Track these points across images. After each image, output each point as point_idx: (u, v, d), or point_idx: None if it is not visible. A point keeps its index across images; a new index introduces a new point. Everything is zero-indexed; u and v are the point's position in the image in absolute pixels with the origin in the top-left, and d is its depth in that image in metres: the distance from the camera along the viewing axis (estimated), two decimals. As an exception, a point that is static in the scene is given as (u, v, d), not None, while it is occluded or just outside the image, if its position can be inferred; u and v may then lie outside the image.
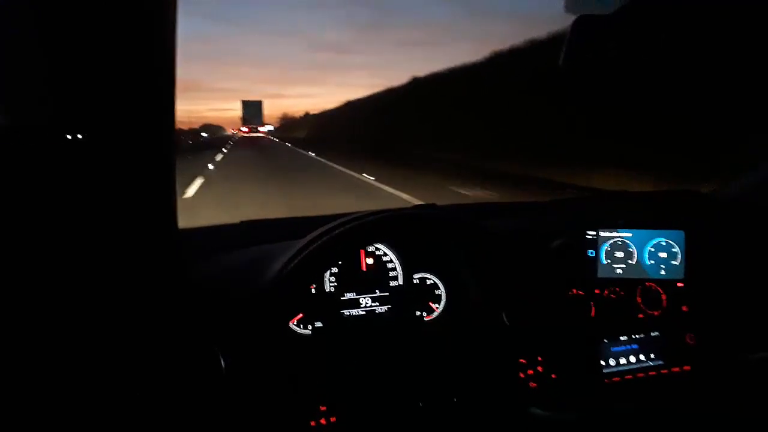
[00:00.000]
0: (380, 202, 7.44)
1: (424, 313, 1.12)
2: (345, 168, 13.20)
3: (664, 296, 1.14)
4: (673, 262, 1.13)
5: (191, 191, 8.43)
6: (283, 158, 20.13)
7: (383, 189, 8.96)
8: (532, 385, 0.97)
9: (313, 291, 1.06)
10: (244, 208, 6.96)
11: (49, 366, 0.64)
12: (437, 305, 1.13)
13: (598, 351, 1.11)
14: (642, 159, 8.40)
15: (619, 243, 1.13)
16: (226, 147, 28.63)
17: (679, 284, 1.13)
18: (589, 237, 1.13)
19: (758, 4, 0.82)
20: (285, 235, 1.03)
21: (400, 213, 0.95)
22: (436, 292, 1.14)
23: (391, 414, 0.91)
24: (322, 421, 0.87)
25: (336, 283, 1.08)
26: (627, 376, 1.10)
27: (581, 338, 1.09)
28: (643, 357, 1.12)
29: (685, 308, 1.14)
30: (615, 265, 1.13)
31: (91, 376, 0.68)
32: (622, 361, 1.11)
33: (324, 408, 0.88)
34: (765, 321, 1.16)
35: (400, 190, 8.46)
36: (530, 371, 0.97)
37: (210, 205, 7.07)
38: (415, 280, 1.13)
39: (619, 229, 1.13)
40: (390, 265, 1.12)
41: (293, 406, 0.86)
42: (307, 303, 1.04)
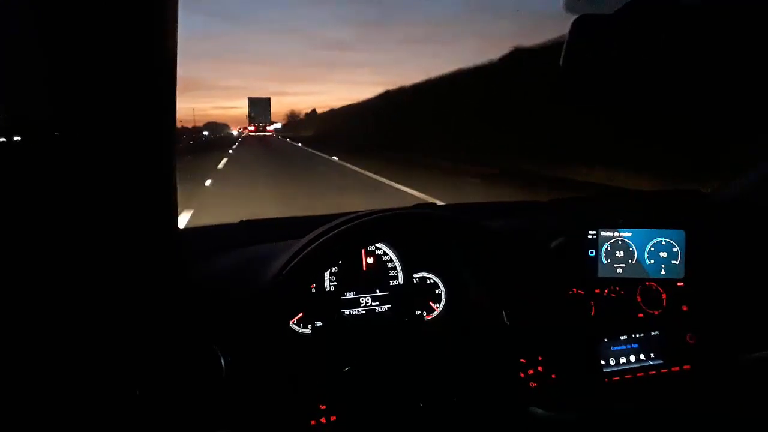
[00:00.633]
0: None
1: (424, 313, 1.12)
2: (411, 189, 8.43)
3: (665, 296, 1.14)
4: (674, 262, 1.13)
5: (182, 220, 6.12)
6: (304, 164, 15.43)
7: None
8: (533, 384, 0.97)
9: (313, 290, 1.06)
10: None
11: (49, 365, 0.65)
12: (437, 305, 1.13)
13: (598, 350, 1.11)
14: (642, 159, 8.40)
15: (620, 242, 1.13)
16: (231, 148, 25.39)
17: (679, 284, 1.13)
18: (590, 236, 1.13)
19: (758, 3, 0.82)
20: (285, 234, 1.03)
21: (400, 212, 0.95)
22: (436, 291, 1.14)
23: (391, 413, 0.91)
24: (323, 420, 0.87)
25: (336, 283, 1.08)
26: (627, 376, 1.10)
27: (581, 338, 1.09)
28: (643, 356, 1.12)
29: (685, 308, 1.14)
30: (615, 265, 1.13)
31: (91, 376, 0.68)
32: (622, 360, 1.11)
33: (324, 407, 0.88)
34: (765, 321, 1.16)
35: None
36: (530, 371, 0.97)
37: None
38: (415, 280, 1.13)
39: (620, 229, 1.13)
40: (390, 265, 1.12)
41: (293, 405, 0.86)
42: (307, 302, 1.04)
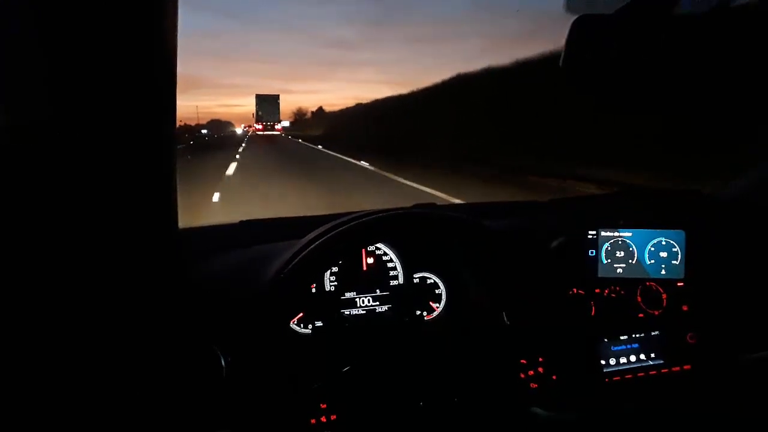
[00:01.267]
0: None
1: (425, 313, 1.12)
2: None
3: (665, 296, 1.14)
4: (674, 262, 1.13)
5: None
6: (333, 174, 11.76)
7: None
8: (533, 386, 0.97)
9: (314, 290, 1.06)
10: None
11: (48, 366, 0.64)
12: (437, 305, 1.13)
13: (599, 350, 1.11)
14: (641, 159, 8.40)
15: (620, 242, 1.13)
16: (234, 149, 21.72)
17: (679, 284, 1.13)
18: (590, 236, 1.13)
19: (759, 3, 0.82)
20: (285, 234, 1.03)
21: (399, 212, 0.95)
22: (437, 291, 1.14)
23: (392, 413, 0.91)
24: (323, 419, 0.88)
25: (336, 283, 1.08)
26: (627, 376, 1.10)
27: (581, 337, 1.09)
28: (643, 356, 1.12)
29: (685, 308, 1.14)
30: (615, 265, 1.13)
31: (91, 376, 0.68)
32: (623, 360, 1.11)
33: (324, 406, 0.88)
34: (765, 321, 1.16)
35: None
36: (531, 372, 0.97)
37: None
38: (415, 280, 1.13)
39: (620, 229, 1.13)
40: (390, 265, 1.12)
41: (293, 405, 0.86)
42: (307, 302, 1.04)
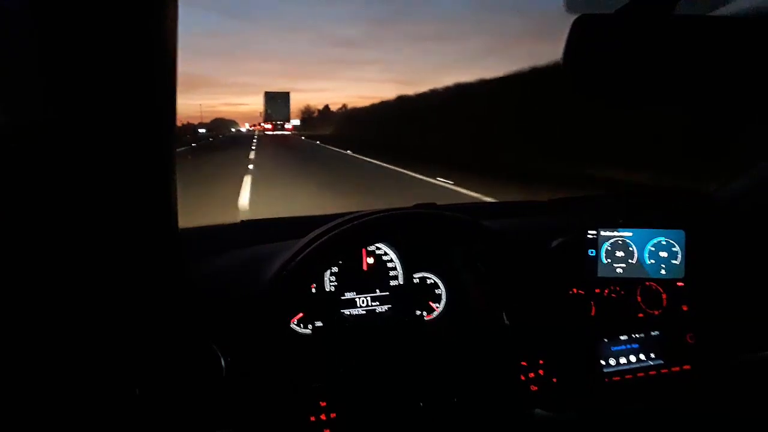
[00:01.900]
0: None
1: (425, 313, 1.12)
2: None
3: (665, 296, 1.14)
4: (674, 262, 1.13)
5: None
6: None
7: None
8: (533, 388, 0.97)
9: (314, 290, 1.06)
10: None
11: (48, 365, 0.64)
12: (437, 305, 1.13)
13: (598, 350, 1.11)
14: (642, 158, 8.39)
15: (620, 242, 1.13)
16: (241, 162, 14.40)
17: (679, 284, 1.13)
18: (590, 236, 1.13)
19: (759, 2, 0.82)
20: (285, 234, 1.03)
21: (400, 212, 0.95)
22: (437, 291, 1.14)
23: (391, 413, 0.91)
24: (322, 417, 0.88)
25: (336, 283, 1.08)
26: (627, 376, 1.10)
27: (581, 337, 1.09)
28: (643, 356, 1.12)
29: (685, 308, 1.14)
30: (615, 265, 1.13)
31: (90, 376, 0.68)
32: (623, 360, 1.11)
33: (324, 404, 0.88)
34: (765, 321, 1.16)
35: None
36: (531, 374, 0.97)
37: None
38: (415, 280, 1.13)
39: (620, 229, 1.13)
40: (390, 265, 1.12)
41: (293, 405, 0.86)
42: (307, 302, 1.04)
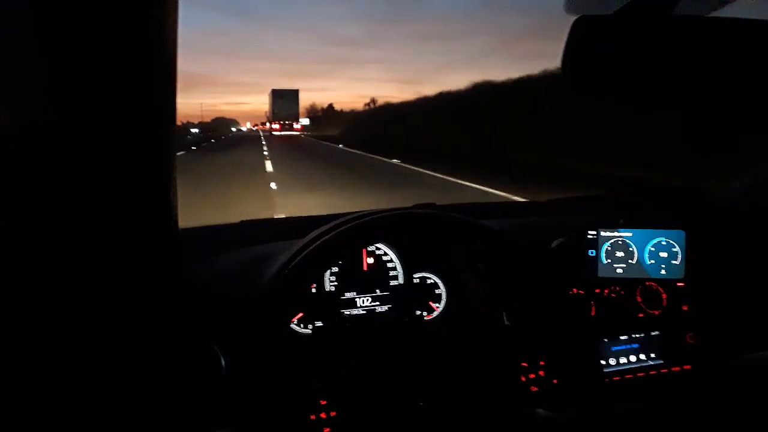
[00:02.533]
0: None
1: (425, 313, 1.12)
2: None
3: (665, 296, 1.14)
4: (674, 262, 1.12)
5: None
6: None
7: None
8: (533, 389, 0.97)
9: (314, 290, 1.06)
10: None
11: (47, 365, 0.65)
12: (437, 305, 1.13)
13: (599, 350, 1.11)
14: (642, 158, 8.40)
15: (620, 242, 1.13)
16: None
17: (679, 284, 1.13)
18: (590, 236, 1.13)
19: (759, 2, 0.82)
20: (285, 235, 1.03)
21: (400, 212, 0.95)
22: (437, 291, 1.14)
23: (392, 413, 0.91)
24: (322, 416, 0.88)
25: (336, 283, 1.08)
26: (627, 376, 1.10)
27: (581, 337, 1.09)
28: (643, 356, 1.12)
29: (685, 308, 1.14)
30: (615, 265, 1.13)
31: (90, 376, 0.68)
32: (623, 360, 1.11)
33: (324, 402, 0.88)
34: (765, 321, 1.16)
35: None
36: (532, 375, 0.97)
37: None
38: (415, 280, 1.13)
39: (620, 229, 1.13)
40: (390, 265, 1.12)
41: (293, 405, 0.86)
42: (307, 302, 1.04)
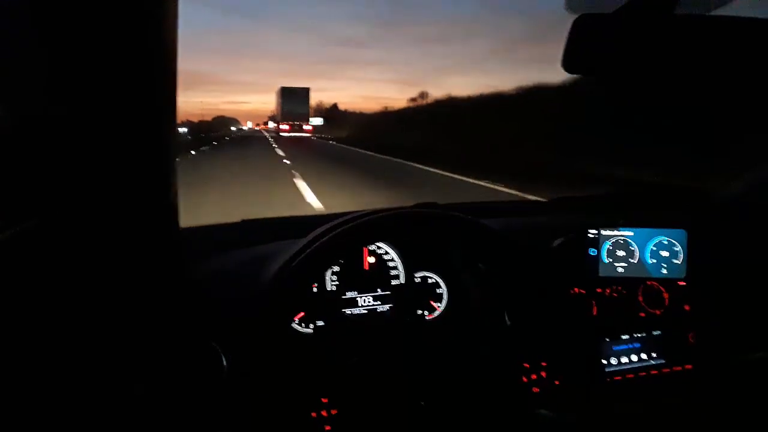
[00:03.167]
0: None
1: (426, 312, 1.12)
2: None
3: (666, 295, 1.14)
4: (675, 261, 1.12)
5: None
6: None
7: None
8: (535, 390, 0.97)
9: (315, 290, 1.06)
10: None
11: (48, 364, 0.65)
12: (439, 304, 1.13)
13: (600, 350, 1.11)
14: (642, 158, 8.40)
15: (621, 242, 1.13)
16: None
17: (681, 283, 1.13)
18: (591, 236, 1.13)
19: (759, 2, 0.82)
20: (286, 234, 1.03)
21: (401, 212, 0.95)
22: (438, 291, 1.14)
23: (392, 412, 0.91)
24: (323, 413, 0.88)
25: (337, 282, 1.08)
26: (628, 375, 1.10)
27: (583, 337, 1.09)
28: (644, 356, 1.12)
29: (687, 307, 1.14)
30: (616, 264, 1.13)
31: (91, 376, 0.68)
32: (624, 359, 1.11)
33: (325, 400, 0.88)
34: (766, 321, 1.16)
35: None
36: (533, 376, 0.97)
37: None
38: (416, 279, 1.13)
39: (621, 228, 1.13)
40: (391, 264, 1.12)
41: (294, 404, 0.86)
42: (308, 302, 1.04)
